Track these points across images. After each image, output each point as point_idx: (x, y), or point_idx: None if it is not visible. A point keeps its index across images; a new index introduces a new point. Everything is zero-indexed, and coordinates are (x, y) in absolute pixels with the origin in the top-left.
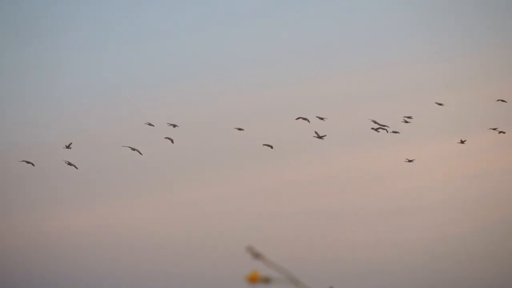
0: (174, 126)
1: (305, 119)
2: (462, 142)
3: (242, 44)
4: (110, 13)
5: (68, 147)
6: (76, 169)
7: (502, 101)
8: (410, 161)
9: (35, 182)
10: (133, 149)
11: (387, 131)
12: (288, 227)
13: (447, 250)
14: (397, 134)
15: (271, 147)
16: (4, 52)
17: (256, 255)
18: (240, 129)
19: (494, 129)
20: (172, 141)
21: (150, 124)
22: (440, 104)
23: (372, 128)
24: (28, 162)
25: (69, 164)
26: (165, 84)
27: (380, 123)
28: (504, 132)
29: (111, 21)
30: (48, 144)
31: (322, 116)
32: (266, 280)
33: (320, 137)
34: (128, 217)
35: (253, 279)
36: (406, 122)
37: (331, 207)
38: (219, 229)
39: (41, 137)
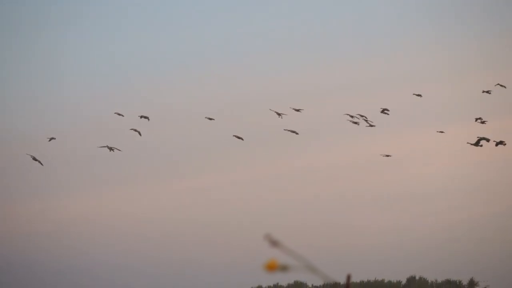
0: (146, 118)
1: (279, 114)
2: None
3: (232, 36)
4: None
5: (51, 139)
6: (41, 165)
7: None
8: (387, 156)
9: (47, 171)
10: (110, 149)
11: (368, 123)
12: (303, 213)
13: (461, 234)
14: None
15: (242, 139)
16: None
17: (274, 243)
18: (211, 118)
19: (479, 119)
20: (139, 134)
21: (119, 114)
22: (418, 95)
23: (351, 121)
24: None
25: (34, 159)
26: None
27: (366, 117)
28: (484, 122)
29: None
30: (61, 134)
31: (298, 108)
32: (284, 268)
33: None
34: (142, 203)
35: (271, 267)
36: (385, 113)
37: (346, 193)
38: (234, 215)
39: (53, 125)
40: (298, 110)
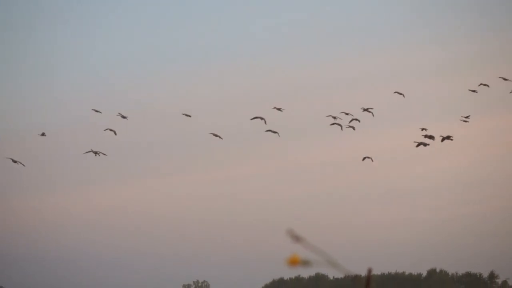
0: (124, 117)
1: (262, 118)
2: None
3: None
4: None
5: (42, 135)
6: (23, 166)
7: (473, 91)
8: (367, 158)
9: (60, 165)
10: (96, 153)
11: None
12: (323, 207)
13: (481, 227)
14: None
15: (220, 137)
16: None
17: (296, 238)
18: (187, 115)
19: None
20: (115, 133)
21: (96, 111)
22: (400, 94)
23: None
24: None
25: (14, 161)
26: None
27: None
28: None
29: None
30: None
31: (279, 107)
32: (306, 262)
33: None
34: (159, 195)
35: (293, 262)
36: (368, 111)
37: (360, 188)
38: (251, 207)
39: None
40: (279, 109)
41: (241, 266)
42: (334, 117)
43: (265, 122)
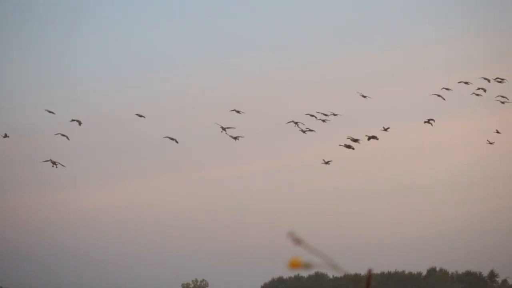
0: (79, 123)
1: (296, 123)
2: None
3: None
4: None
5: (5, 136)
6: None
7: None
8: (326, 162)
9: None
10: (54, 163)
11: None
12: (323, 204)
13: (480, 226)
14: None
15: (176, 141)
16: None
17: (297, 241)
18: (140, 116)
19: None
20: (67, 138)
21: (50, 112)
22: (364, 97)
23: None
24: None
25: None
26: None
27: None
28: (433, 122)
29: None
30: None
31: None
32: (307, 265)
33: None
34: (157, 193)
35: (294, 265)
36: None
37: (359, 187)
38: (250, 205)
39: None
40: (238, 112)
41: (241, 265)
42: (296, 123)
43: (297, 124)
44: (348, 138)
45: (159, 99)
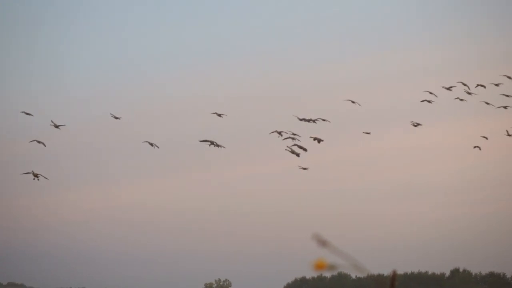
0: (57, 126)
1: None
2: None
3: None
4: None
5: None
6: (158, 148)
7: (428, 101)
8: (304, 169)
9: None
10: (35, 176)
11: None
12: (345, 204)
13: (505, 226)
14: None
15: (157, 146)
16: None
17: (322, 243)
18: (116, 117)
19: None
20: (44, 145)
21: (27, 114)
22: (353, 102)
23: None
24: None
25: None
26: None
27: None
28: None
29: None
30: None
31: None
32: (332, 267)
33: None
34: (180, 192)
35: (319, 266)
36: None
37: (384, 186)
38: (273, 205)
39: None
40: (219, 115)
41: (263, 264)
42: (280, 132)
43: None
44: (295, 145)
45: (159, 101)
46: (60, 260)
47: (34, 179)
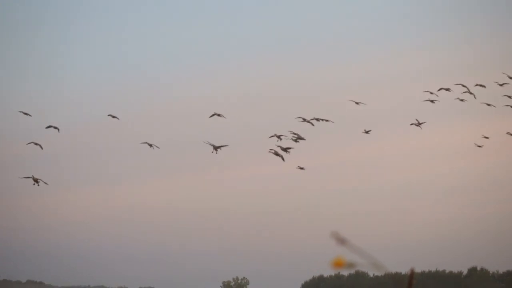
0: (56, 128)
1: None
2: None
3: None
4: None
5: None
6: (46, 184)
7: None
8: (301, 168)
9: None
10: (35, 181)
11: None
12: (359, 203)
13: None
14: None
15: (157, 147)
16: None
17: (341, 241)
18: (114, 116)
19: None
20: (41, 147)
21: (25, 114)
22: (357, 103)
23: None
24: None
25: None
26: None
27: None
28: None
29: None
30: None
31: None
32: (351, 265)
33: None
34: (197, 192)
35: (338, 264)
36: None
37: (402, 185)
38: (291, 203)
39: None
40: (219, 115)
41: (281, 263)
42: (279, 136)
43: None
44: (278, 146)
45: (159, 101)
46: (78, 258)
47: (34, 184)
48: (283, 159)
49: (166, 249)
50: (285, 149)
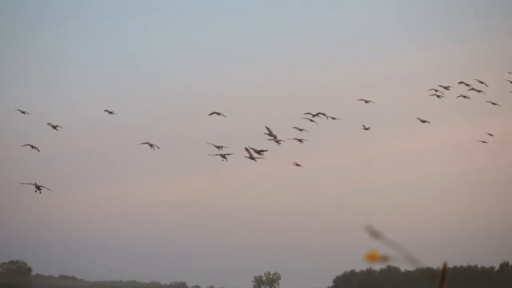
0: (55, 127)
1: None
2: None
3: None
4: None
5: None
6: (158, 148)
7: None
8: (297, 165)
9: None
10: (38, 188)
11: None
12: (395, 198)
13: None
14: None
15: (157, 146)
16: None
17: (375, 234)
18: (23, 112)
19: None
20: (38, 150)
21: (22, 112)
22: (367, 102)
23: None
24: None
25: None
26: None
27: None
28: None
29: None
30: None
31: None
32: (385, 258)
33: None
34: (228, 187)
35: (372, 258)
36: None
37: (433, 181)
38: (323, 199)
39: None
40: (218, 114)
41: (313, 258)
42: (277, 141)
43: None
44: (252, 148)
45: (159, 101)
46: (110, 254)
47: (36, 191)
48: (255, 160)
49: (197, 246)
50: (259, 152)
